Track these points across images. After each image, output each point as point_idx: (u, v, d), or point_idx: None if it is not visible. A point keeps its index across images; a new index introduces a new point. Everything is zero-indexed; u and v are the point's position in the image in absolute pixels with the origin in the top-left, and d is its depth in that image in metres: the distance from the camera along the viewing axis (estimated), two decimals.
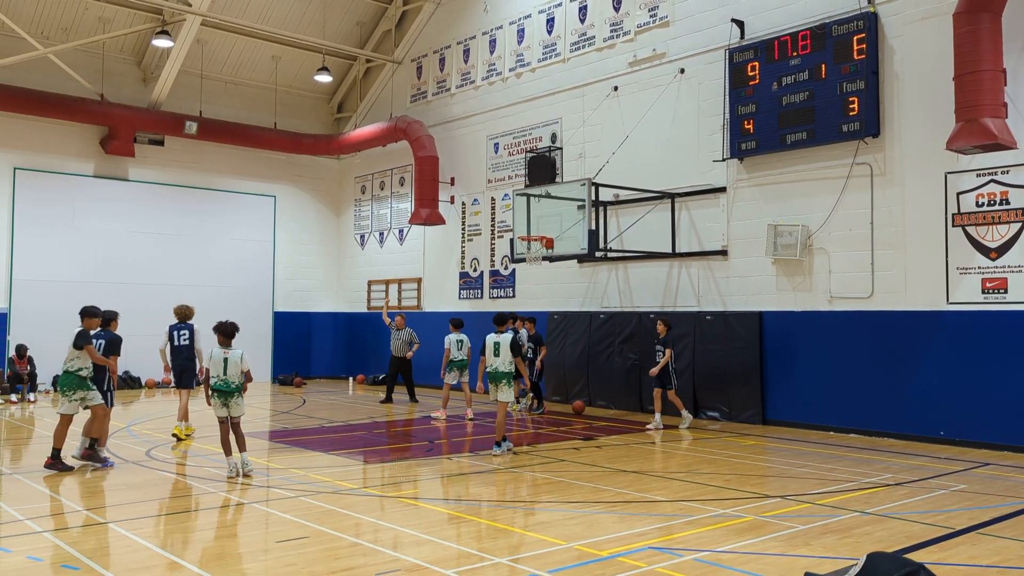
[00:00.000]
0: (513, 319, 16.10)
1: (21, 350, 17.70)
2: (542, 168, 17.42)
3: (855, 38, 12.77)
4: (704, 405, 14.73)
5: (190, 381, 12.27)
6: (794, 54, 13.48)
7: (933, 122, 12.07)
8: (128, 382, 20.10)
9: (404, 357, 17.39)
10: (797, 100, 13.42)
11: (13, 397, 17.22)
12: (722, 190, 14.75)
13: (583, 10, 17.43)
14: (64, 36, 19.76)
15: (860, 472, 9.71)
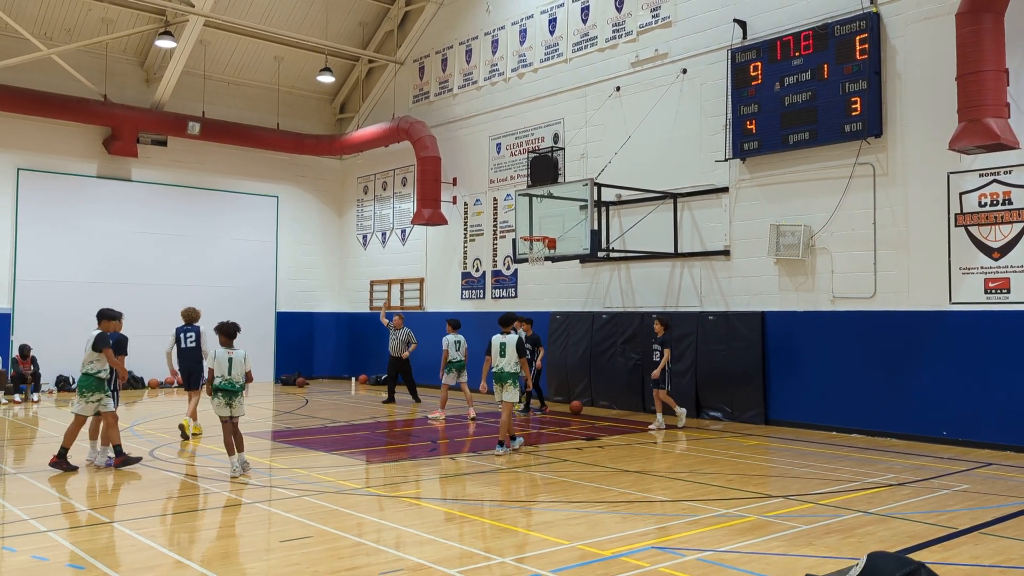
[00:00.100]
0: (520, 321, 16.15)
1: (24, 350, 17.76)
2: (544, 168, 17.43)
3: (857, 38, 12.77)
4: (706, 405, 14.74)
5: (198, 383, 12.35)
6: (796, 54, 13.48)
7: (935, 122, 12.07)
8: (131, 382, 20.14)
9: (400, 357, 17.39)
10: (799, 100, 13.43)
11: (17, 397, 17.25)
12: (724, 190, 14.76)
13: (585, 10, 17.44)
14: (67, 37, 19.81)
15: (863, 472, 9.72)
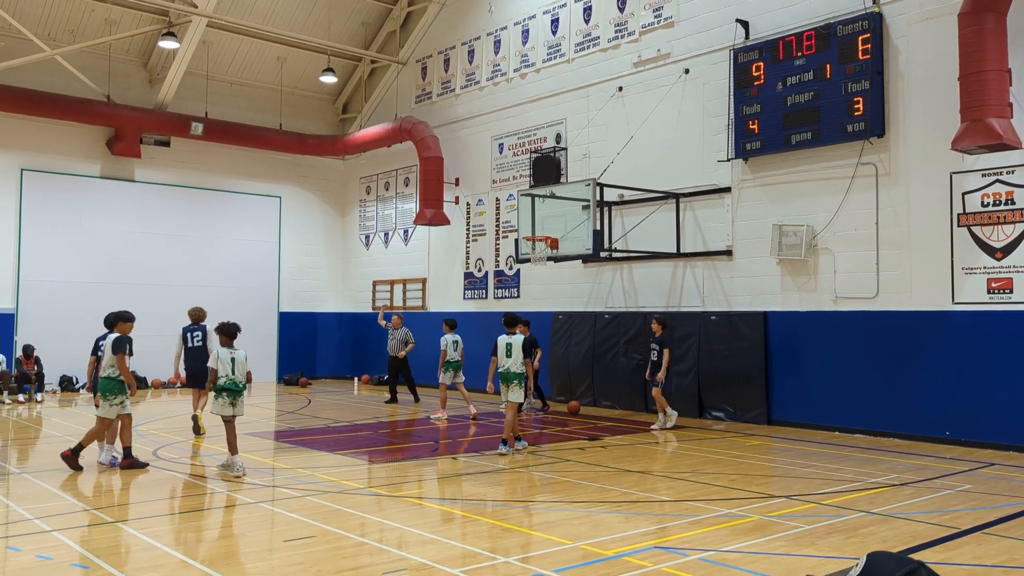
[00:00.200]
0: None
1: (28, 350, 17.80)
2: (547, 168, 17.43)
3: (860, 38, 12.77)
4: (709, 405, 14.74)
5: (204, 382, 12.39)
6: (799, 54, 13.48)
7: (938, 122, 12.07)
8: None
9: (397, 356, 17.36)
10: (802, 100, 13.42)
11: (20, 397, 17.29)
12: (727, 190, 14.76)
13: (587, 11, 17.45)
14: (71, 38, 19.84)
15: (865, 472, 9.72)
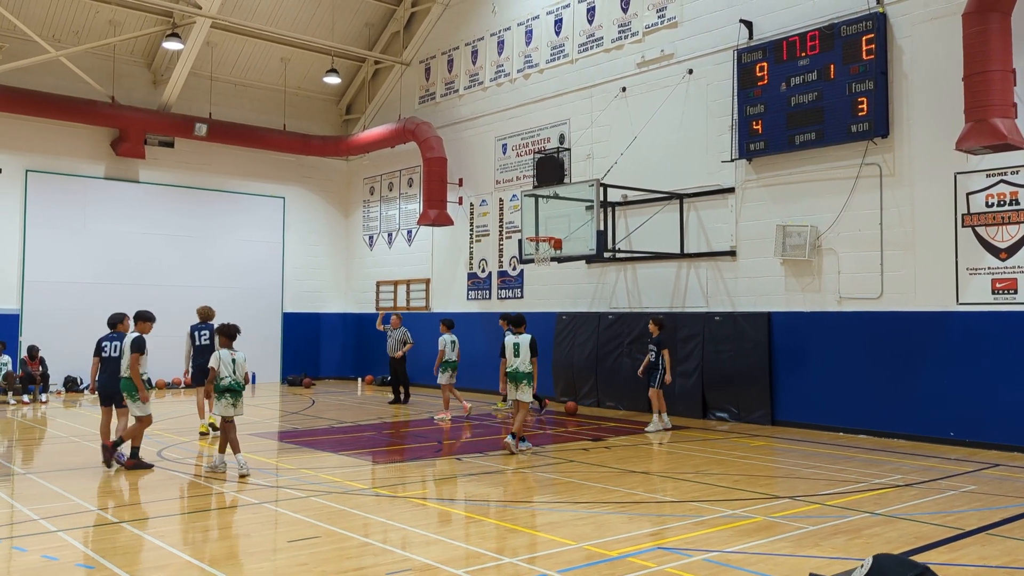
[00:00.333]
0: (507, 321, 16.16)
1: (33, 351, 17.84)
2: (550, 169, 17.45)
3: (864, 38, 12.76)
4: (713, 406, 14.73)
5: None
6: (803, 54, 13.47)
7: (942, 122, 12.05)
8: None
9: (394, 356, 17.33)
10: (806, 100, 13.41)
11: (25, 398, 17.33)
12: (730, 191, 14.75)
13: (591, 11, 17.45)
14: (75, 39, 19.89)
15: (869, 473, 9.71)
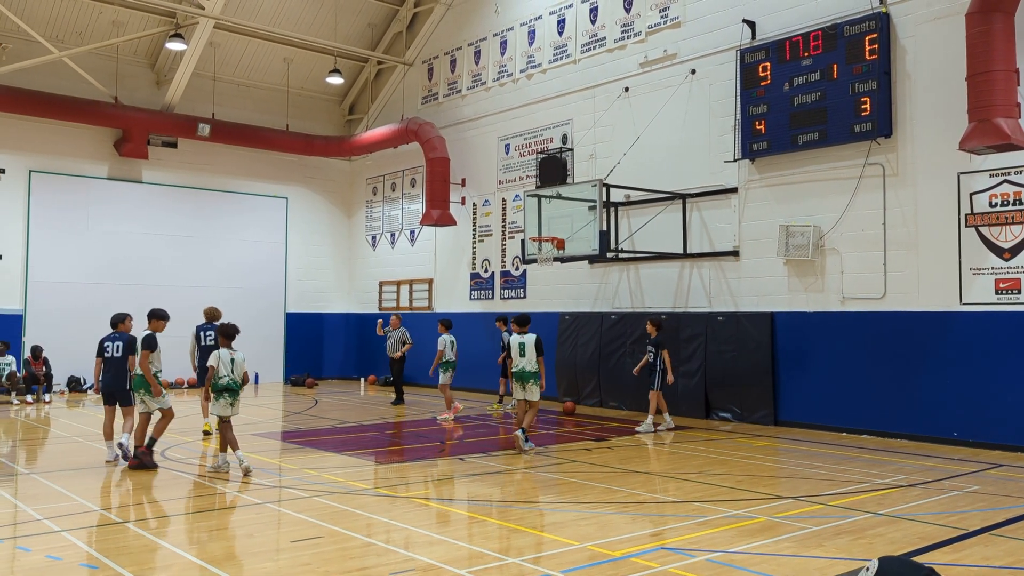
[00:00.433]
0: (505, 321, 16.19)
1: (37, 351, 17.87)
2: (553, 169, 17.44)
3: (867, 38, 12.75)
4: (716, 406, 14.72)
5: None
6: (806, 54, 13.46)
7: (946, 122, 12.03)
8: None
9: (393, 357, 17.33)
10: (809, 100, 13.40)
11: (29, 398, 17.36)
12: (733, 191, 14.74)
13: (594, 11, 17.45)
14: (78, 40, 19.92)
15: (873, 473, 9.70)
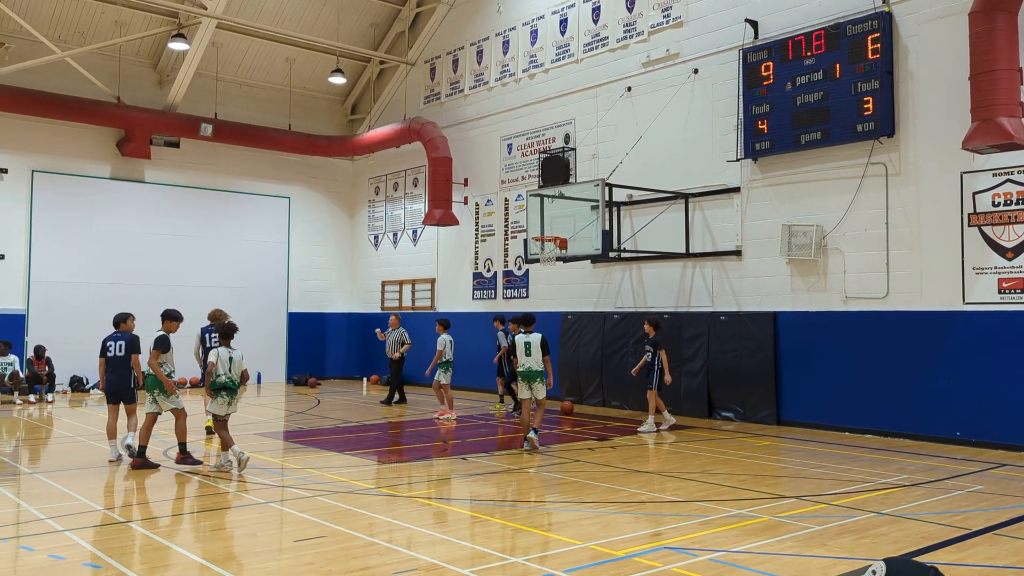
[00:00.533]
0: (502, 321, 16.19)
1: (39, 351, 17.90)
2: (556, 169, 17.43)
3: (869, 38, 12.73)
4: (718, 406, 14.71)
5: None
6: (808, 54, 13.44)
7: (949, 122, 12.01)
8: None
9: (391, 357, 17.33)
10: (811, 100, 13.39)
11: (32, 398, 17.38)
12: (736, 190, 14.73)
13: (596, 11, 17.44)
14: (81, 40, 19.94)
15: (875, 473, 9.69)
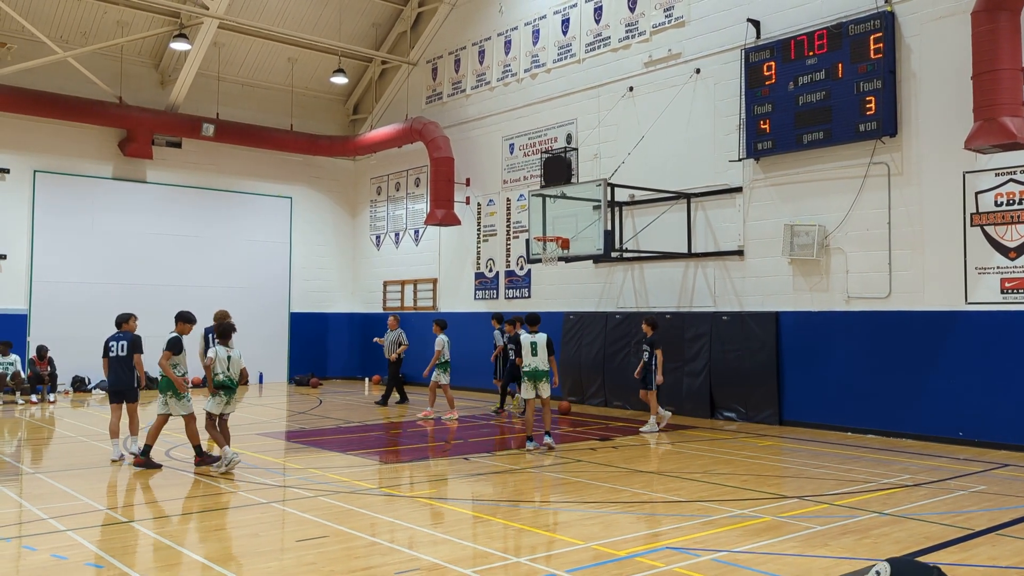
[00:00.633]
0: (500, 320, 16.19)
1: (42, 351, 17.91)
2: (557, 169, 17.43)
3: (872, 37, 12.72)
4: (721, 406, 14.70)
5: None
6: (810, 54, 13.43)
7: (951, 121, 12.00)
8: (147, 383, 20.20)
9: (389, 358, 17.30)
10: (814, 100, 13.37)
11: (34, 398, 17.40)
12: (738, 190, 14.71)
13: (598, 11, 17.43)
14: (83, 40, 19.95)
15: (878, 473, 9.68)
